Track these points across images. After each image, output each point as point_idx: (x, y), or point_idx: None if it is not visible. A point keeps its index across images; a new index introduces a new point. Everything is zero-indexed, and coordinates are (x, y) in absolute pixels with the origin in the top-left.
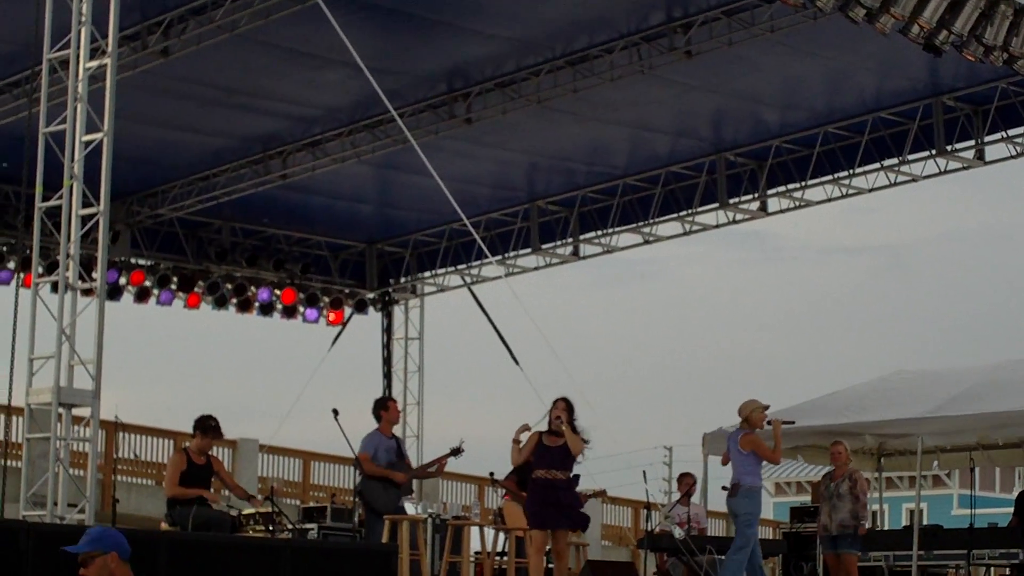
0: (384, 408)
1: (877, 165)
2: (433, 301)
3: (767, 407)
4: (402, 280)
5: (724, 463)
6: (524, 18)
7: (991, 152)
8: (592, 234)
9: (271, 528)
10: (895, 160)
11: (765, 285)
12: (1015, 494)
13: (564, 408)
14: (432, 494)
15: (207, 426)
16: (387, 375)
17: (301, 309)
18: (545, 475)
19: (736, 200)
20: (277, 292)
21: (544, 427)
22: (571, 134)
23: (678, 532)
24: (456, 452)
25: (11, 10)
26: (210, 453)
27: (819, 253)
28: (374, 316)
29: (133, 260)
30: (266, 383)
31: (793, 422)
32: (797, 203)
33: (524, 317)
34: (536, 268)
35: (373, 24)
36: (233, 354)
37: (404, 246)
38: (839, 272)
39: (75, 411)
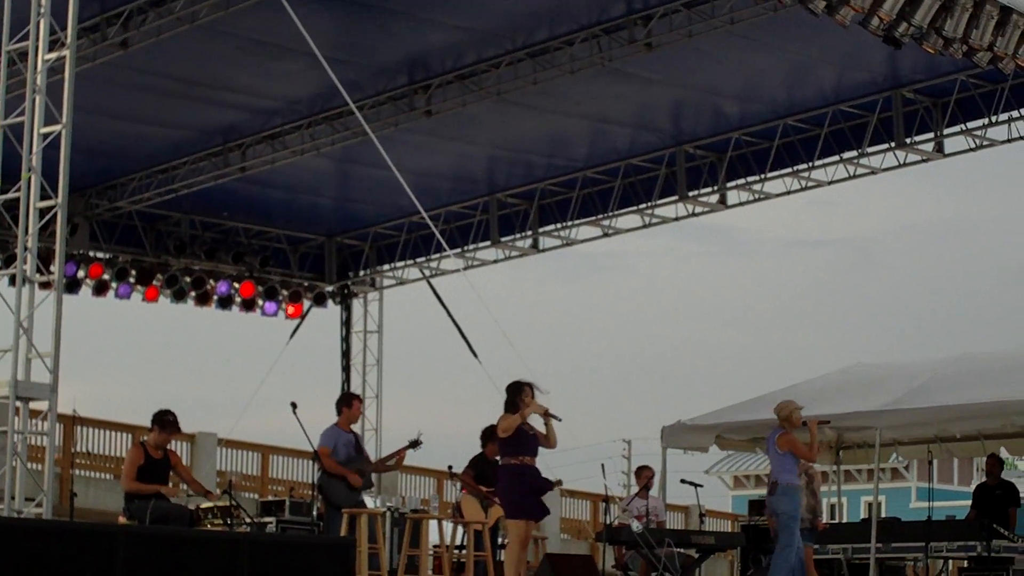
0: (347, 405)
1: (836, 158)
2: (392, 294)
3: (801, 407)
4: (361, 273)
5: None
6: (484, 9)
7: (950, 145)
8: (551, 227)
9: (229, 522)
10: (854, 153)
11: (726, 278)
12: (973, 487)
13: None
14: (391, 487)
15: (165, 421)
16: (346, 368)
17: (260, 302)
18: (529, 462)
19: (696, 193)
20: (236, 285)
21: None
22: (531, 127)
23: (636, 525)
24: (414, 444)
25: None
26: (168, 447)
27: (779, 246)
28: (333, 309)
29: (91, 253)
30: (225, 377)
31: (828, 421)
32: (756, 196)
33: (484, 310)
34: (495, 261)
35: (332, 14)
36: (192, 347)
37: (363, 239)
38: (799, 265)
39: (32, 405)
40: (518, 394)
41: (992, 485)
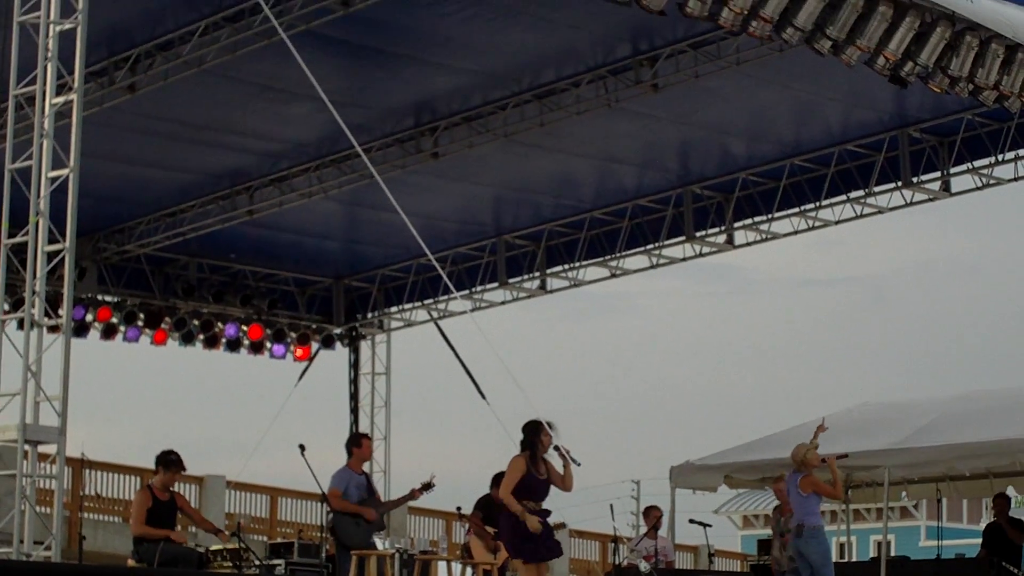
0: (357, 445)
1: (843, 197)
2: (400, 336)
3: (817, 445)
4: (369, 315)
5: (785, 510)
6: (490, 51)
7: (957, 183)
8: (559, 268)
9: (238, 564)
10: (861, 192)
11: (733, 318)
12: (983, 525)
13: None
14: (399, 529)
15: (169, 460)
16: (354, 410)
17: (268, 345)
18: (536, 507)
19: (703, 233)
20: (244, 328)
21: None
22: (538, 168)
23: (644, 566)
24: (427, 487)
25: None
26: (173, 489)
27: (787, 286)
28: (341, 351)
29: (99, 296)
30: (233, 419)
31: (847, 455)
32: (764, 236)
33: (491, 351)
34: (503, 302)
35: (339, 59)
36: (200, 390)
37: (371, 281)
38: (807, 305)
39: (41, 448)
40: (536, 434)
41: (1002, 524)
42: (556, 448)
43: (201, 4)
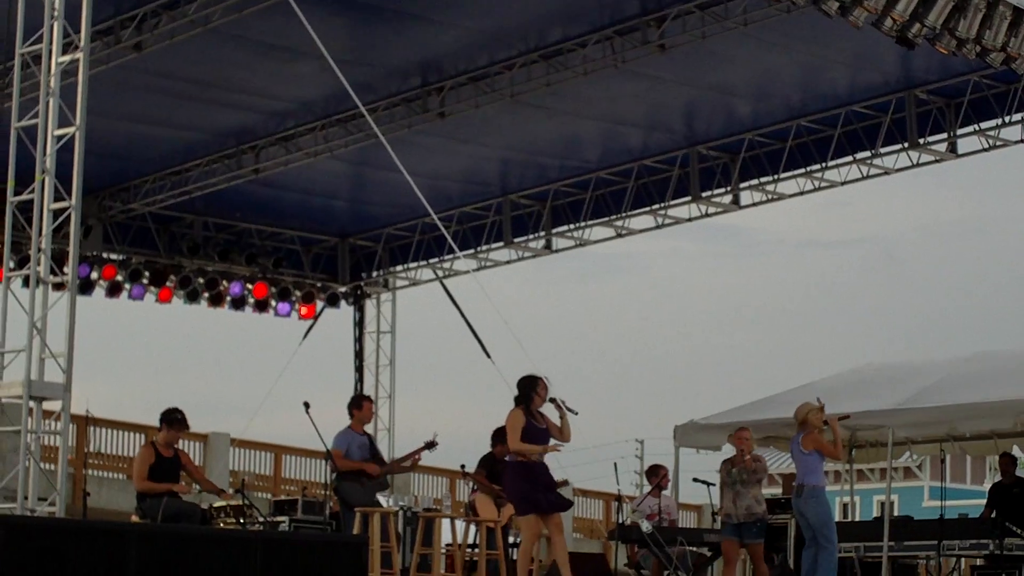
0: (358, 407)
1: (850, 158)
2: (405, 295)
3: (822, 407)
4: (374, 274)
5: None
6: (497, 11)
7: (963, 145)
8: (564, 228)
9: (242, 521)
10: (868, 153)
11: (739, 279)
12: (986, 485)
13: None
14: (403, 487)
15: (173, 418)
16: (359, 369)
17: (273, 303)
18: (536, 458)
19: (708, 193)
20: (249, 286)
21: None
22: (544, 128)
23: (646, 525)
24: (430, 446)
25: None
26: (177, 447)
27: (793, 247)
28: (346, 310)
29: (105, 255)
30: (238, 377)
31: (848, 416)
32: (769, 196)
33: (496, 311)
34: (508, 262)
35: (345, 18)
36: (205, 348)
37: (376, 240)
38: (813, 266)
39: (46, 405)
40: (531, 387)
41: (1008, 484)
42: (552, 400)
43: None
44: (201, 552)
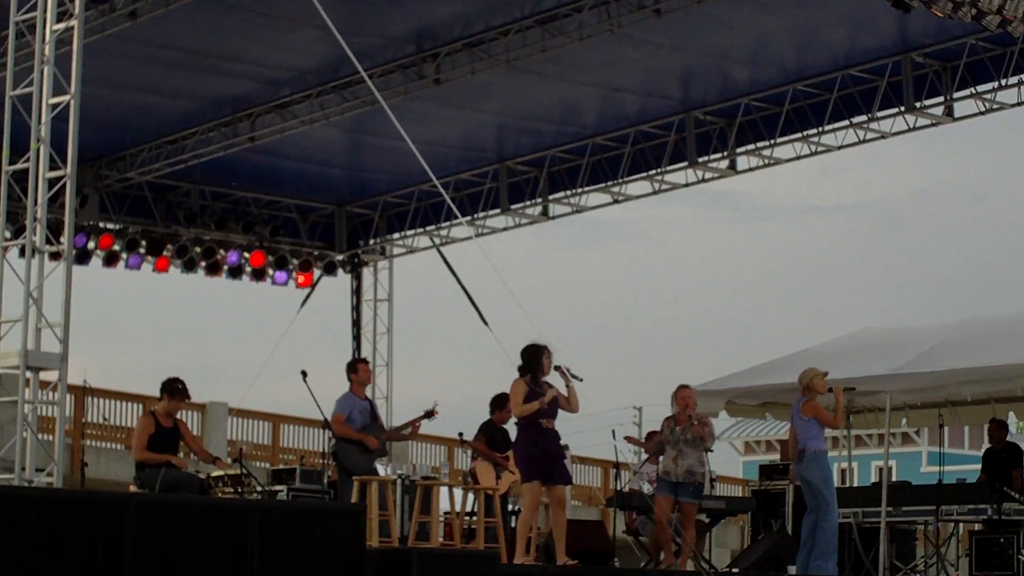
0: (353, 371)
1: (846, 122)
2: (402, 263)
3: (826, 373)
4: (371, 242)
5: (790, 436)
6: None
7: (960, 108)
8: (561, 194)
9: (240, 490)
10: (864, 117)
11: (738, 245)
12: (984, 451)
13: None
14: (402, 455)
15: (174, 388)
16: (356, 337)
17: (270, 272)
18: (548, 425)
19: (705, 159)
20: (246, 255)
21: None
22: (540, 94)
23: (647, 488)
24: (429, 415)
25: None
26: (177, 417)
27: (791, 212)
28: (343, 278)
29: (101, 224)
30: (235, 346)
31: (854, 388)
32: (766, 161)
33: (494, 278)
34: (505, 228)
35: None
36: (202, 318)
37: (373, 208)
38: (811, 231)
39: (43, 375)
40: (536, 356)
41: (998, 449)
42: (556, 368)
43: None
44: (199, 522)
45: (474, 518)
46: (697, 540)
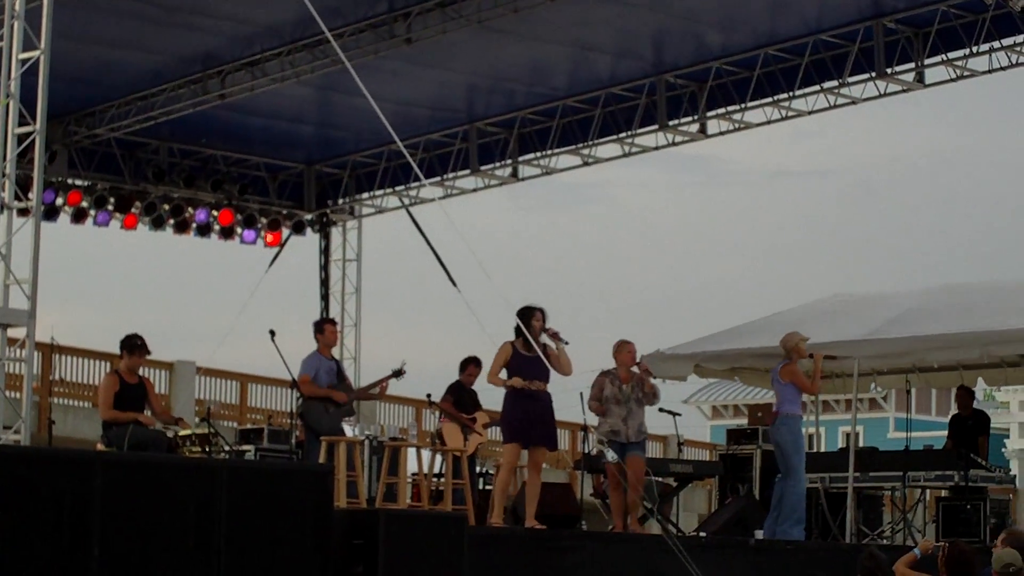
0: (320, 331)
1: (817, 87)
2: (371, 223)
3: (807, 339)
4: (340, 201)
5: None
6: None
7: (931, 75)
8: (531, 155)
9: (208, 449)
10: (835, 83)
11: (708, 209)
12: (951, 417)
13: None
14: (370, 416)
15: (133, 344)
16: (324, 297)
17: (239, 230)
18: (540, 386)
19: (676, 122)
20: (214, 213)
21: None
22: (511, 54)
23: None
24: (398, 374)
25: None
26: (143, 376)
27: (761, 176)
28: (312, 237)
29: (70, 180)
30: (203, 305)
31: (835, 357)
32: (737, 125)
33: (462, 239)
34: (475, 190)
35: None
36: (170, 275)
37: (343, 167)
38: (782, 196)
39: (10, 332)
40: (528, 318)
41: (965, 416)
42: (546, 331)
43: None
44: (167, 480)
45: (442, 480)
46: (664, 504)
